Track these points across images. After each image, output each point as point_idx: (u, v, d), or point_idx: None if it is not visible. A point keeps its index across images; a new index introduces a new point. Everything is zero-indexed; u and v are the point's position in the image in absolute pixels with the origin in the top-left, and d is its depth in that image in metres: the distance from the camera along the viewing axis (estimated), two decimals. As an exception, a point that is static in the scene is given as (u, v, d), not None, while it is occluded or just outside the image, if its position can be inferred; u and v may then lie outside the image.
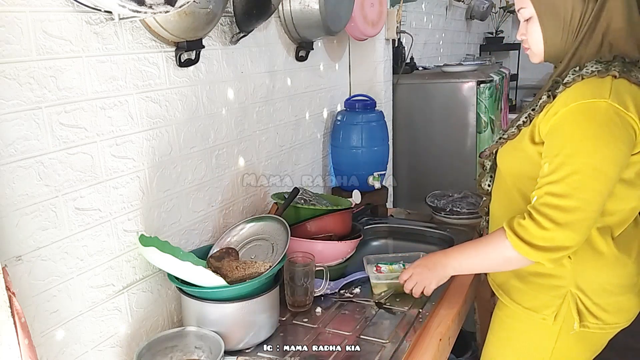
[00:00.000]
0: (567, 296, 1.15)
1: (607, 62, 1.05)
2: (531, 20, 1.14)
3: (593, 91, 1.01)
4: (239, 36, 1.46)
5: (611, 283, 1.15)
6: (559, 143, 1.03)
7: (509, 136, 1.20)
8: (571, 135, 1.01)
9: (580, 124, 1.00)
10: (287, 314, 1.36)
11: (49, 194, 1.02)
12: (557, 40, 1.12)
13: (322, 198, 1.69)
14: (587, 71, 1.05)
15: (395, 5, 2.43)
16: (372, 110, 2.08)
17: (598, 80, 1.03)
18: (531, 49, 1.18)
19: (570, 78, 1.06)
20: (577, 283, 1.14)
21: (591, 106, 1.00)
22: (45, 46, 0.98)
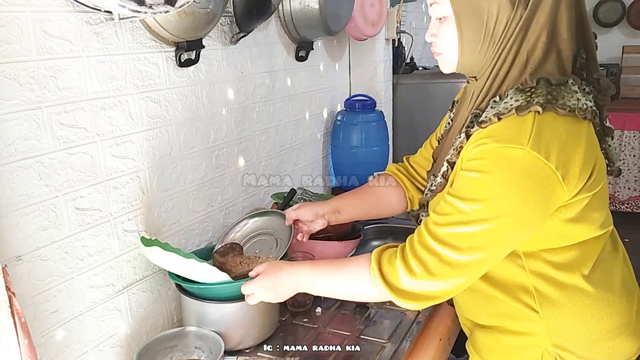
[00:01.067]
0: (545, 356, 0.97)
1: (530, 88, 0.87)
2: (446, 21, 0.92)
3: (510, 135, 0.84)
4: (239, 36, 1.46)
5: (597, 329, 0.96)
6: (462, 185, 0.88)
7: (437, 188, 1.01)
8: (476, 179, 0.86)
9: (488, 169, 0.85)
10: (287, 314, 1.36)
11: (49, 194, 1.02)
12: (474, 49, 0.91)
13: (322, 198, 1.69)
14: (506, 107, 0.87)
15: (395, 5, 2.43)
16: (372, 110, 2.08)
17: (517, 120, 0.85)
18: (443, 54, 0.97)
19: (486, 117, 0.89)
20: (553, 340, 0.96)
21: (506, 153, 0.83)
22: (45, 46, 0.98)
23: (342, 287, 1.00)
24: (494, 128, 0.87)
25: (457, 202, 0.87)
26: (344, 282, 0.99)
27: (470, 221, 0.85)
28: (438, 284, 0.88)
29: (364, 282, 0.94)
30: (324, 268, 1.03)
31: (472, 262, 0.86)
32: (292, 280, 1.05)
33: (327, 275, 1.02)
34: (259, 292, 1.08)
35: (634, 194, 4.06)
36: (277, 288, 1.06)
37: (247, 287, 1.10)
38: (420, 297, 0.89)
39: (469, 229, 0.85)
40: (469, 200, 0.86)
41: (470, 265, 0.87)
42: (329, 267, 1.02)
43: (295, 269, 1.05)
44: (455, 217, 0.86)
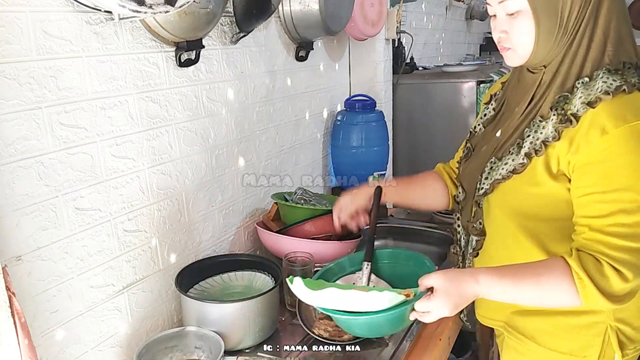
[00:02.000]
0: (608, 331, 1.01)
1: (618, 71, 0.91)
2: (519, 15, 0.94)
3: (635, 110, 0.88)
4: (239, 36, 1.46)
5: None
6: (610, 177, 0.88)
7: (517, 168, 0.99)
8: (624, 167, 0.87)
9: (632, 152, 0.87)
10: (287, 314, 1.36)
11: (49, 194, 1.02)
12: (550, 40, 0.94)
13: (322, 198, 1.69)
14: (610, 86, 0.90)
15: (395, 5, 2.43)
16: (372, 110, 2.08)
17: (629, 97, 0.89)
18: (514, 49, 0.98)
19: (591, 96, 0.90)
20: (616, 314, 1.01)
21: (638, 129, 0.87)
22: (45, 46, 0.98)
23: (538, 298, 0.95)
24: (611, 107, 0.89)
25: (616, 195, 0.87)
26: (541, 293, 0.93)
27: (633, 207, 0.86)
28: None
29: (567, 293, 0.89)
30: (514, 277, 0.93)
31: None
32: (477, 289, 0.94)
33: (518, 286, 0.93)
34: (438, 310, 0.95)
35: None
36: (459, 302, 0.95)
37: (424, 305, 0.95)
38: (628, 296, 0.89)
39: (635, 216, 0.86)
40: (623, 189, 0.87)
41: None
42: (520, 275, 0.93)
43: (480, 277, 0.94)
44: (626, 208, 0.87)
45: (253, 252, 1.66)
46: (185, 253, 1.39)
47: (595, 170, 0.90)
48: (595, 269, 0.88)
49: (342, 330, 1.20)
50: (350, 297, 0.98)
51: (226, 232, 1.54)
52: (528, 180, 0.98)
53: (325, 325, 1.22)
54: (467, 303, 0.97)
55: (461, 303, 0.95)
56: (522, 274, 0.93)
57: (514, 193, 1.01)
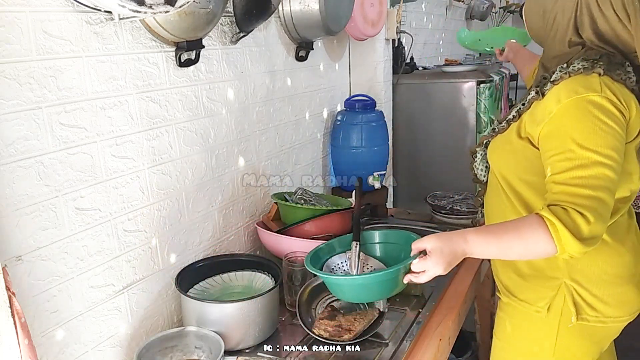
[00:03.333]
0: (562, 288, 1.14)
1: (592, 59, 1.08)
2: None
3: (585, 86, 1.04)
4: (239, 36, 1.46)
5: (607, 272, 1.14)
6: (567, 139, 1.03)
7: (499, 130, 1.21)
8: (577, 130, 1.02)
9: (581, 118, 1.02)
10: (287, 314, 1.36)
11: (49, 194, 1.02)
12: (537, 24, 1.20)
13: (322, 198, 1.69)
14: (574, 68, 1.08)
15: (395, 5, 2.43)
16: (372, 110, 2.08)
17: (585, 77, 1.06)
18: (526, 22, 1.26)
19: (557, 75, 1.09)
20: (571, 274, 1.14)
21: (587, 99, 1.03)
22: (45, 46, 0.98)
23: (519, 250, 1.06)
24: (567, 84, 1.06)
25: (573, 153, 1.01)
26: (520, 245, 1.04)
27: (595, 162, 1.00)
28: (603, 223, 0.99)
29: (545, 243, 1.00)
30: (496, 234, 1.06)
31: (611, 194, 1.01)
32: (466, 247, 1.06)
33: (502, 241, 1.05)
34: (433, 268, 1.06)
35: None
36: (451, 259, 1.06)
37: (420, 265, 1.06)
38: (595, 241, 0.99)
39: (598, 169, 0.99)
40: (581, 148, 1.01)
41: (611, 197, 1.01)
42: (502, 232, 1.06)
43: (468, 237, 1.06)
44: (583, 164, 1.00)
45: (253, 252, 1.66)
46: (185, 253, 1.39)
47: (554, 135, 1.05)
48: (564, 215, 0.99)
49: (342, 330, 1.20)
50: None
51: (226, 232, 1.54)
52: (504, 139, 1.19)
53: (325, 325, 1.22)
54: (458, 261, 1.08)
55: (453, 261, 1.07)
56: (504, 231, 1.06)
57: (497, 150, 1.22)
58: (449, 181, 2.38)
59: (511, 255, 1.11)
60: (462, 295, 1.46)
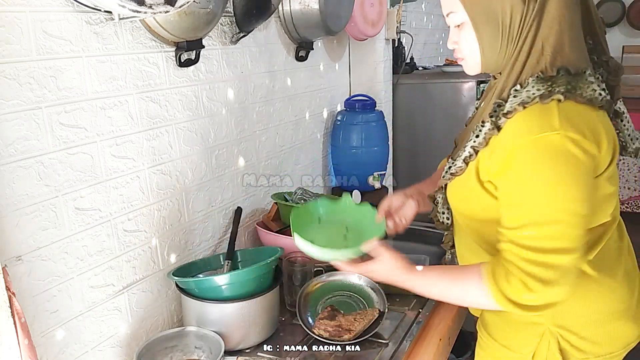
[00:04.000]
0: (546, 334, 1.02)
1: (550, 77, 0.90)
2: (463, 27, 0.97)
3: (541, 122, 0.87)
4: (239, 36, 1.46)
5: (598, 311, 1.01)
6: (520, 190, 0.90)
7: (457, 171, 1.03)
8: (532, 180, 0.88)
9: (537, 166, 0.87)
10: (287, 314, 1.36)
11: (49, 194, 1.02)
12: (495, 49, 0.95)
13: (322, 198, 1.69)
14: (528, 96, 0.90)
15: (395, 5, 2.43)
16: (372, 110, 2.08)
17: (542, 108, 0.88)
18: (465, 59, 1.01)
19: (510, 106, 0.91)
20: (556, 320, 1.01)
21: (543, 142, 0.86)
22: (45, 46, 0.98)
23: (457, 297, 1.02)
24: (522, 118, 0.90)
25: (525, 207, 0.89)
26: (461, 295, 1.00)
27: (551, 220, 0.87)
28: (556, 288, 0.89)
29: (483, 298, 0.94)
30: (436, 275, 1.03)
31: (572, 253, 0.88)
32: (407, 283, 1.04)
33: (442, 285, 1.01)
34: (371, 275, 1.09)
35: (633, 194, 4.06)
36: (388, 278, 1.06)
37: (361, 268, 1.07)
38: (544, 306, 0.90)
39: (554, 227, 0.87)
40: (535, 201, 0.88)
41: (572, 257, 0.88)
42: (442, 275, 1.02)
43: (411, 276, 1.03)
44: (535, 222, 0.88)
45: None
46: (185, 253, 1.39)
47: (507, 181, 0.92)
48: (503, 277, 0.91)
49: (342, 330, 1.21)
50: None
51: (226, 232, 1.54)
52: (464, 183, 1.02)
53: (325, 325, 1.22)
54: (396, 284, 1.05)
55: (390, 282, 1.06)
56: (449, 281, 1.00)
57: (457, 194, 1.06)
58: (449, 181, 2.38)
59: (449, 297, 1.04)
60: (462, 295, 1.45)
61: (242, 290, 1.18)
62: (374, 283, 1.35)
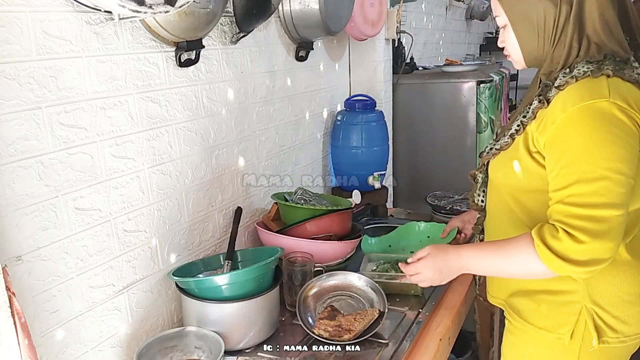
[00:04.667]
0: (583, 312, 1.07)
1: (597, 61, 1.00)
2: (507, 28, 1.10)
3: (591, 91, 0.96)
4: (239, 36, 1.46)
5: (629, 292, 1.07)
6: (568, 152, 0.96)
7: (502, 146, 1.11)
8: (580, 141, 0.95)
9: (586, 128, 0.95)
10: (287, 314, 1.36)
11: (49, 194, 1.02)
12: (533, 46, 1.07)
13: (322, 198, 1.69)
14: (579, 72, 1.00)
15: (395, 5, 2.43)
16: (372, 110, 2.08)
17: (592, 81, 0.98)
18: (511, 55, 1.13)
19: (562, 81, 1.01)
20: (592, 297, 1.06)
21: (593, 107, 0.95)
22: (45, 46, 0.98)
23: (509, 267, 1.06)
24: (573, 89, 0.99)
25: (574, 167, 0.95)
26: (511, 262, 1.04)
27: (597, 177, 0.93)
28: (604, 243, 0.93)
29: (531, 260, 0.99)
30: (488, 250, 1.09)
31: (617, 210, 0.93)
32: (459, 261, 1.11)
33: (493, 258, 1.07)
34: (425, 272, 1.15)
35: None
36: (443, 269, 1.13)
37: (412, 267, 1.17)
38: (594, 262, 0.94)
39: (600, 184, 0.93)
40: (583, 161, 0.94)
41: (618, 213, 0.93)
42: (493, 248, 1.08)
43: (462, 252, 1.12)
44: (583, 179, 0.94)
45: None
46: (185, 253, 1.39)
47: (557, 147, 0.98)
48: (550, 235, 0.96)
49: (342, 330, 1.20)
50: None
51: (226, 232, 1.54)
52: (512, 156, 1.09)
53: (325, 325, 1.22)
54: (451, 272, 1.13)
55: (445, 270, 1.13)
56: (497, 248, 1.06)
57: (503, 168, 1.12)
58: (449, 181, 2.38)
59: (506, 271, 1.09)
60: (462, 295, 1.45)
61: (242, 290, 1.18)
62: (374, 283, 1.35)
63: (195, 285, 1.20)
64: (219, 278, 1.18)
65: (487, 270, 1.14)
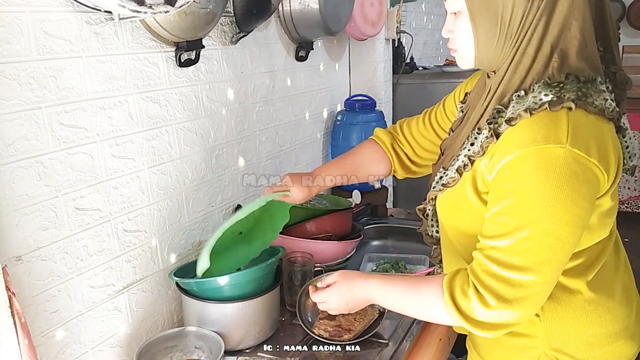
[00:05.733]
0: (542, 357, 0.97)
1: (558, 83, 0.84)
2: (460, 15, 0.90)
3: (547, 133, 0.80)
4: (239, 36, 1.46)
5: (596, 334, 0.96)
6: (508, 200, 0.83)
7: (449, 182, 0.97)
8: (523, 191, 0.82)
9: (533, 177, 0.80)
10: (287, 314, 1.36)
11: (49, 194, 1.02)
12: (491, 44, 0.89)
13: (322, 198, 1.69)
14: (535, 102, 0.83)
15: (395, 5, 2.43)
16: (372, 110, 2.08)
17: (550, 116, 0.81)
18: (458, 51, 0.95)
19: (514, 112, 0.84)
20: (552, 343, 0.96)
21: (546, 154, 0.79)
22: (45, 46, 0.98)
23: (415, 309, 0.98)
24: (527, 126, 0.83)
25: (507, 217, 0.83)
26: (417, 304, 0.96)
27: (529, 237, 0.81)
28: (514, 310, 0.84)
29: (437, 308, 0.90)
30: (397, 285, 0.99)
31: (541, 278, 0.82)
32: (366, 292, 1.03)
33: (400, 295, 0.98)
34: (331, 301, 1.07)
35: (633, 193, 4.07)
36: (349, 299, 1.05)
37: (318, 296, 1.09)
38: (497, 326, 0.86)
39: (529, 245, 0.81)
40: (519, 214, 0.82)
41: (540, 282, 0.83)
42: (402, 284, 0.98)
43: (369, 283, 1.02)
44: (512, 235, 0.82)
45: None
46: (185, 253, 1.39)
47: (497, 191, 0.86)
48: (460, 289, 0.87)
49: (342, 330, 1.20)
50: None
51: (226, 232, 1.54)
52: (458, 195, 0.96)
53: (325, 325, 1.22)
54: (358, 303, 1.06)
55: (351, 300, 1.05)
56: (407, 286, 0.97)
57: (449, 206, 1.00)
58: (449, 181, 2.38)
59: (413, 312, 0.99)
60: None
61: (243, 290, 1.18)
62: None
63: (195, 285, 1.20)
64: (220, 278, 1.18)
65: (394, 307, 1.01)
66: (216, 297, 1.18)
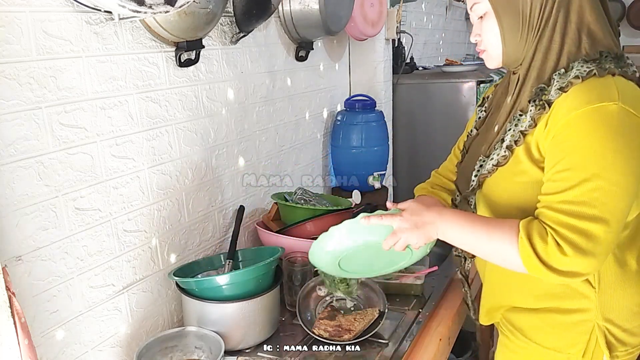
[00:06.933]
0: (594, 330, 1.02)
1: (595, 59, 0.93)
2: (486, 17, 1.00)
3: (599, 93, 0.89)
4: (239, 36, 1.46)
5: (638, 303, 1.03)
6: (570, 155, 0.89)
7: (500, 161, 1.01)
8: (584, 146, 0.88)
9: (592, 132, 0.88)
10: (287, 314, 1.36)
11: (49, 194, 1.02)
12: (516, 38, 0.98)
13: (322, 198, 1.69)
14: (582, 72, 0.92)
15: (395, 5, 2.43)
16: (372, 110, 2.08)
17: (599, 81, 0.91)
18: (487, 51, 1.04)
19: (564, 82, 0.93)
20: (604, 314, 1.01)
21: (601, 111, 0.88)
22: (45, 46, 0.98)
23: (483, 246, 0.98)
24: (579, 90, 0.91)
25: (573, 172, 0.89)
26: (490, 244, 0.96)
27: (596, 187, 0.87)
28: (588, 260, 0.88)
29: (512, 255, 0.92)
30: (474, 222, 0.99)
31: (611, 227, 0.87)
32: (436, 220, 1.01)
33: (476, 231, 0.98)
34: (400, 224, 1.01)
35: None
36: (418, 222, 1.01)
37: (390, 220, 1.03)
38: (572, 274, 0.90)
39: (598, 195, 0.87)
40: (584, 168, 0.88)
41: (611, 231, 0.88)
42: (479, 223, 0.98)
43: (444, 212, 1.02)
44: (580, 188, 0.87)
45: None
46: (185, 253, 1.39)
47: (557, 150, 0.92)
48: (538, 234, 0.90)
49: (342, 330, 1.21)
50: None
51: (226, 232, 1.54)
52: (513, 170, 1.00)
53: (325, 325, 1.22)
54: (426, 230, 1.01)
55: (420, 223, 1.01)
56: (480, 224, 0.98)
57: (502, 184, 1.03)
58: (449, 181, 2.38)
59: (478, 249, 1.00)
60: (462, 295, 1.45)
61: (243, 290, 1.18)
62: (374, 283, 1.35)
63: (195, 285, 1.20)
64: (220, 278, 1.18)
65: (460, 240, 1.01)
66: (216, 296, 1.18)
